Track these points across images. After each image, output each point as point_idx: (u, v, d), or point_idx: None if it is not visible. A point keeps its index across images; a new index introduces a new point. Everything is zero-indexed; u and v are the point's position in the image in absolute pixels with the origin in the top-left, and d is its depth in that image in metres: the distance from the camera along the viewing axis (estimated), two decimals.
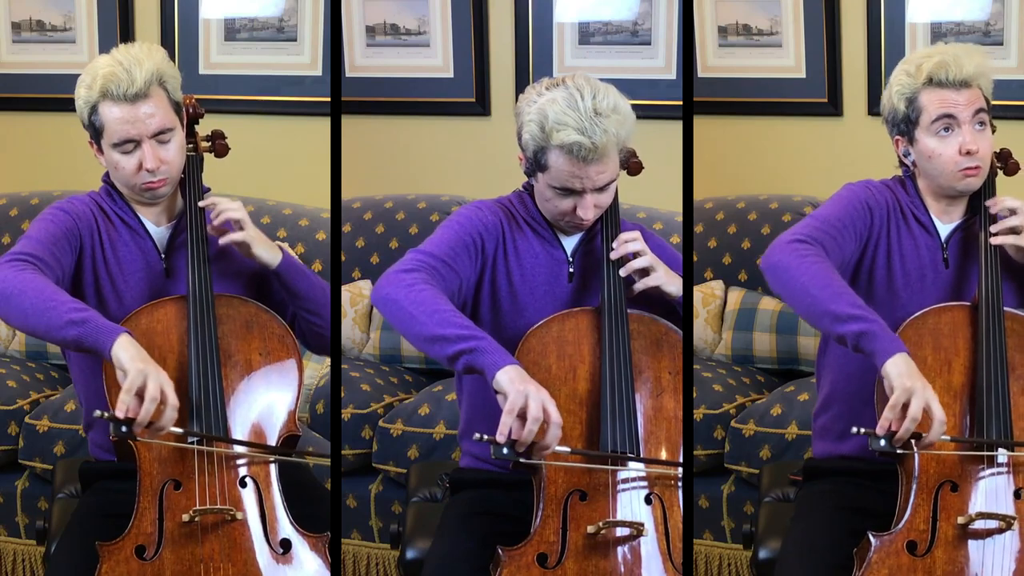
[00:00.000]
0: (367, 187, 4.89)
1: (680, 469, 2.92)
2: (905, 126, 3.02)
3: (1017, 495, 2.87)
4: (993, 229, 3.00)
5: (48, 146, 5.14)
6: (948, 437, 2.84)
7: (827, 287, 2.84)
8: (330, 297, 3.16)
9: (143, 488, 2.87)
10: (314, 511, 2.98)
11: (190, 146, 3.09)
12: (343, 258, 4.70)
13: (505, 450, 2.78)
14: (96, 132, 3.01)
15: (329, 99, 4.69)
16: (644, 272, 3.00)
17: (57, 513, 3.27)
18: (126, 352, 2.76)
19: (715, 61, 4.97)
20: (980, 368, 2.91)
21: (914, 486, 2.86)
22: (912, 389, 2.75)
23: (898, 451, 2.79)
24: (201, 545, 2.84)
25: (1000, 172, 3.11)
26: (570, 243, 3.07)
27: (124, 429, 2.74)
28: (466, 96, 4.99)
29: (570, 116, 2.88)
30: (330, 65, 4.92)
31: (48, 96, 5.08)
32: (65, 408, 4.29)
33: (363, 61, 5.11)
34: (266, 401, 2.98)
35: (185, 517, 2.84)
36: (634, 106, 4.99)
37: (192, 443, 2.88)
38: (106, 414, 2.76)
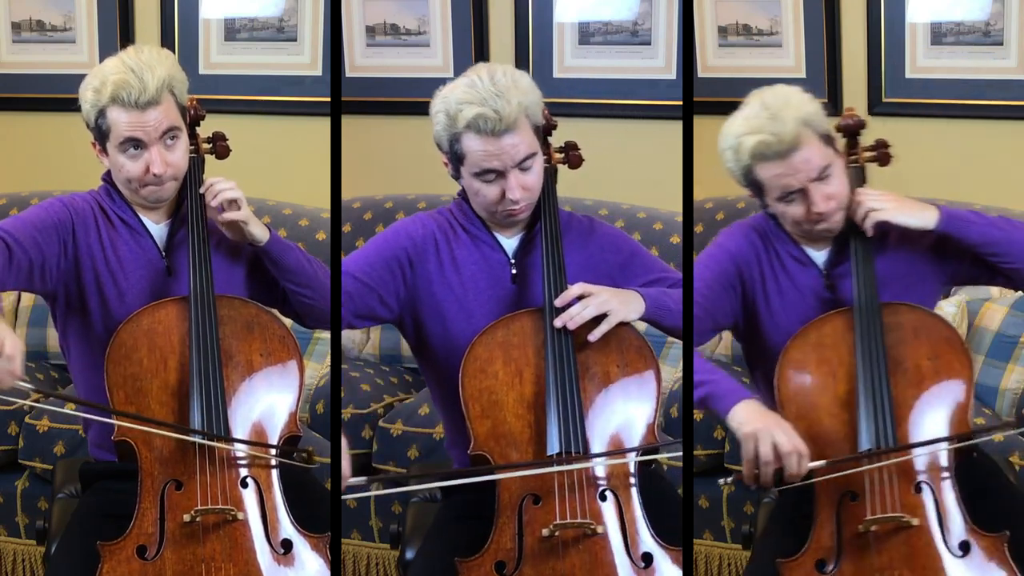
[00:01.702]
0: (367, 187, 4.89)
1: (630, 458, 2.91)
2: (752, 192, 3.01)
3: (918, 488, 2.85)
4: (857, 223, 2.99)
5: (48, 146, 5.13)
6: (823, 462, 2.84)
7: None
8: (329, 290, 3.16)
9: (144, 488, 2.87)
10: (315, 511, 2.98)
11: (191, 148, 3.09)
12: (343, 257, 4.70)
13: None
14: (102, 134, 3.00)
15: (329, 99, 4.69)
16: (597, 320, 2.96)
17: (57, 513, 3.27)
18: None
19: (715, 61, 4.97)
20: (857, 371, 2.90)
21: (815, 503, 2.86)
22: (754, 434, 2.78)
23: (779, 490, 2.81)
24: (202, 545, 2.84)
25: (876, 164, 3.09)
26: (510, 244, 3.06)
27: None
28: None
29: (470, 94, 2.91)
30: (330, 65, 4.92)
31: (48, 96, 5.08)
32: (65, 408, 4.29)
33: (363, 61, 5.11)
34: (267, 402, 2.98)
35: (186, 517, 2.84)
36: (634, 106, 5.02)
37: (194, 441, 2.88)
38: None
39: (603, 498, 2.88)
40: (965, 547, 2.80)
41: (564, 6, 4.95)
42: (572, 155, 3.12)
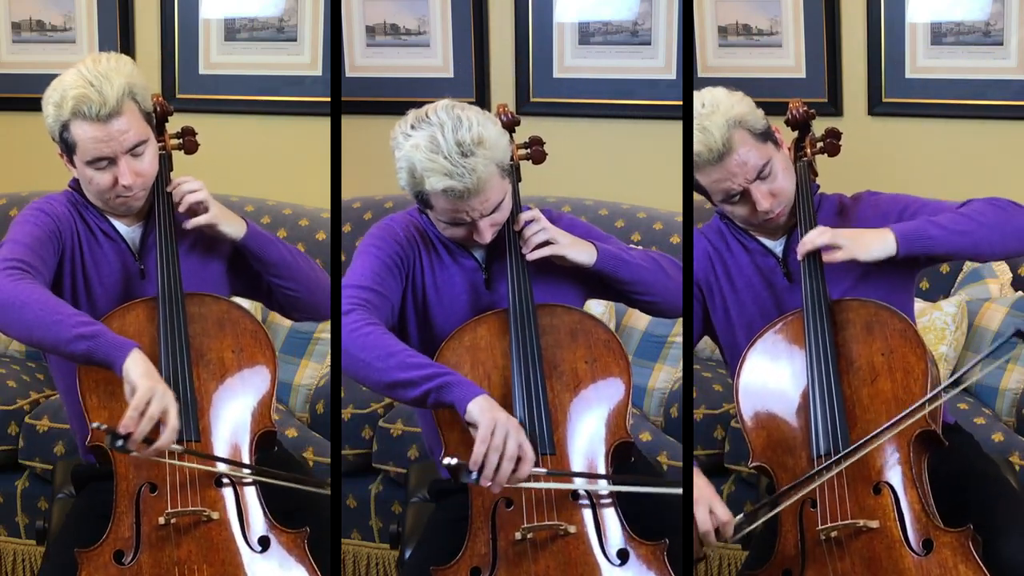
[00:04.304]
0: (367, 187, 4.89)
1: (603, 484, 2.88)
2: (703, 195, 3.02)
3: (877, 490, 2.82)
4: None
5: (48, 146, 5.12)
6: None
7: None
8: (315, 282, 3.15)
9: (120, 492, 2.86)
10: (296, 506, 2.96)
11: (159, 144, 3.06)
12: (343, 258, 4.70)
13: (474, 475, 2.76)
14: (68, 148, 2.98)
15: (329, 99, 4.69)
16: (544, 244, 2.96)
17: (57, 513, 3.27)
18: (137, 368, 2.74)
19: (715, 61, 4.96)
20: (809, 374, 2.87)
21: (778, 515, 2.84)
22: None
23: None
24: (177, 547, 2.82)
25: (825, 155, 3.08)
26: (480, 250, 3.04)
27: (120, 443, 2.73)
28: (466, 96, 4.99)
29: (436, 162, 2.81)
30: (330, 65, 4.92)
31: None
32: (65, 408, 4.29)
33: (363, 61, 5.11)
34: (240, 399, 2.96)
35: (161, 520, 2.82)
36: (634, 106, 5.02)
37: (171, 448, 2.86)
38: (104, 426, 2.75)
39: (575, 497, 2.86)
40: (928, 545, 2.77)
41: (564, 6, 4.95)
42: (535, 150, 3.09)
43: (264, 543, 2.87)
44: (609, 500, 2.87)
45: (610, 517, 2.86)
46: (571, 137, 4.79)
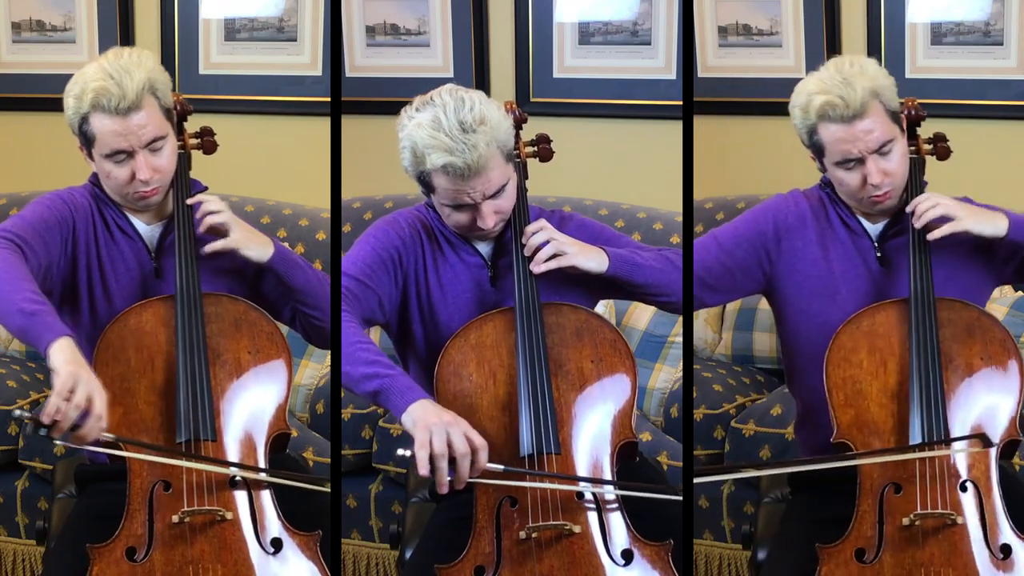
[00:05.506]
0: (367, 187, 4.89)
1: (608, 488, 2.88)
2: (813, 152, 3.02)
3: (963, 488, 2.86)
4: (918, 225, 2.98)
5: (48, 146, 5.13)
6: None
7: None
8: (330, 294, 3.15)
9: (133, 489, 2.86)
10: (309, 508, 2.97)
11: (178, 143, 3.06)
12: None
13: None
14: (87, 141, 2.98)
15: (329, 99, 4.69)
16: (554, 258, 2.96)
17: (57, 513, 3.27)
18: (62, 354, 2.70)
19: (715, 61, 4.97)
20: (911, 364, 2.91)
21: (858, 491, 2.86)
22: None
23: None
24: (191, 546, 2.82)
25: (932, 157, 3.11)
26: (486, 247, 3.04)
27: (42, 432, 2.69)
28: None
29: (437, 139, 2.83)
30: (330, 65, 4.92)
31: (48, 96, 5.06)
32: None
33: (363, 61, 5.11)
34: (256, 400, 2.96)
35: (175, 518, 2.82)
36: (634, 106, 5.02)
37: (180, 444, 2.87)
38: (27, 414, 2.72)
39: (580, 497, 2.86)
40: (1006, 551, 2.82)
41: (564, 6, 4.95)
42: (542, 148, 3.09)
43: (277, 544, 2.87)
44: (614, 501, 2.87)
45: (615, 517, 2.86)
46: (571, 137, 4.78)
